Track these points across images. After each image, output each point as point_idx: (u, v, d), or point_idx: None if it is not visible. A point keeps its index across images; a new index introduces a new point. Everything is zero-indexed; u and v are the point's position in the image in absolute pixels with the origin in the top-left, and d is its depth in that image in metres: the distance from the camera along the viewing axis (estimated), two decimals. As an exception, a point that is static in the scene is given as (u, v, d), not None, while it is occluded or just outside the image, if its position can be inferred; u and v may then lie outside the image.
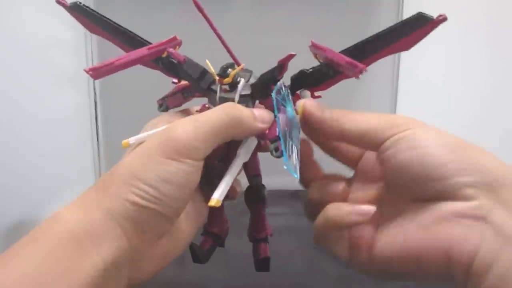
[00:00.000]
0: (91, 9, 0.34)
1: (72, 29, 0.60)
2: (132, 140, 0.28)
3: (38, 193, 0.48)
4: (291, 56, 0.27)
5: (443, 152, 0.23)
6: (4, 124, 0.41)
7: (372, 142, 0.26)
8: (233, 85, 0.30)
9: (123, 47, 0.34)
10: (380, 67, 0.32)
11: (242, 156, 0.28)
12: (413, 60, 0.70)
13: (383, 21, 0.73)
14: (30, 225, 0.44)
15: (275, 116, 0.26)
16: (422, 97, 0.71)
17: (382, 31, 0.29)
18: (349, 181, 0.30)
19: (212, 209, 0.31)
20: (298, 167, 0.26)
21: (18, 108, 0.44)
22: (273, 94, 0.27)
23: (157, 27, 0.70)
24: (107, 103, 0.69)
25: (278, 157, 0.25)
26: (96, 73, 0.29)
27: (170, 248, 0.26)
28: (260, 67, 0.29)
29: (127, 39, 0.33)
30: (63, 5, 0.34)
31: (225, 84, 0.30)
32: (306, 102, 0.28)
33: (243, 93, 0.29)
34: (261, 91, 0.30)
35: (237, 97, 0.29)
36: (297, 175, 0.25)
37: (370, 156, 0.29)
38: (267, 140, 0.28)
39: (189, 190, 0.25)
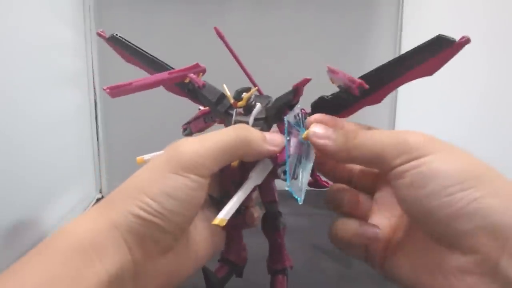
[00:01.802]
0: (128, 41, 0.35)
1: (72, 29, 0.60)
2: (146, 157, 0.29)
3: (38, 193, 0.48)
4: (306, 81, 0.27)
5: (447, 192, 0.22)
6: (4, 124, 0.41)
7: (381, 168, 0.25)
8: (249, 109, 0.30)
9: None
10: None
11: (254, 178, 0.28)
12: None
13: (383, 21, 0.73)
14: (30, 225, 0.44)
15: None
16: (422, 96, 0.70)
17: (400, 56, 0.26)
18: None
19: (230, 235, 0.31)
20: (303, 191, 0.26)
21: (18, 108, 0.44)
22: (286, 118, 0.26)
23: (157, 27, 0.70)
24: (107, 103, 0.69)
25: (285, 180, 0.25)
26: (114, 92, 0.29)
27: (177, 266, 0.26)
28: (260, 67, 0.29)
29: (161, 69, 0.34)
30: (102, 37, 0.35)
31: (240, 108, 0.30)
32: (310, 130, 0.26)
33: (258, 116, 0.30)
34: (275, 115, 0.30)
35: (251, 121, 0.29)
36: (300, 198, 0.25)
37: None
38: (278, 164, 0.28)
39: (193, 206, 0.25)
